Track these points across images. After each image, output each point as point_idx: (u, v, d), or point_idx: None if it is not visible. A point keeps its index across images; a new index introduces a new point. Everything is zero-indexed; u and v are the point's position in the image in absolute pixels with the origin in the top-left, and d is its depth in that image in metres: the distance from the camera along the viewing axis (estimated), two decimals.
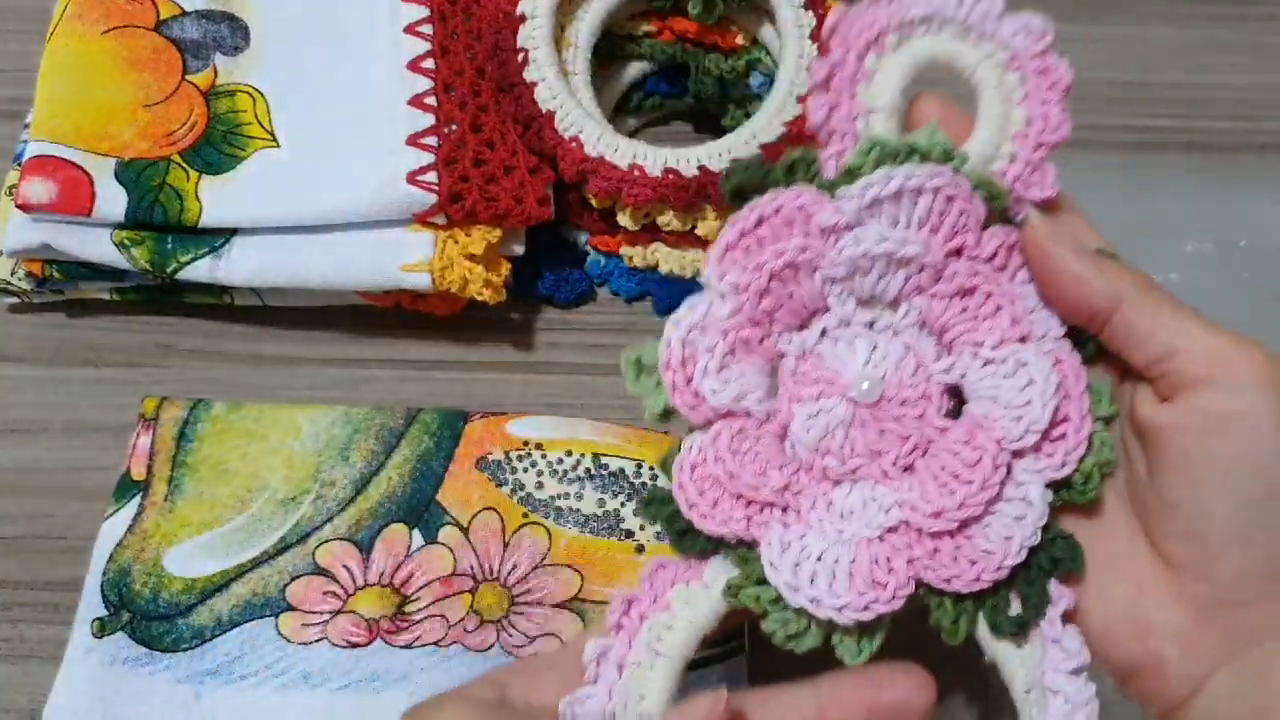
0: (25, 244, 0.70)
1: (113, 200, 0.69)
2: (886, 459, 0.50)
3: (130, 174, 0.70)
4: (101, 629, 0.62)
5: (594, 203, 0.75)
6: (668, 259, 0.77)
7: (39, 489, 0.70)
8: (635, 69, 0.82)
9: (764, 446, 0.49)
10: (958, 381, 0.50)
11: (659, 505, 0.50)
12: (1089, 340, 0.50)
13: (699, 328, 0.49)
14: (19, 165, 0.73)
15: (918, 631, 0.49)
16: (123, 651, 0.62)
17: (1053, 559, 0.49)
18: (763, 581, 0.48)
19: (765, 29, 0.80)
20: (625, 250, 0.77)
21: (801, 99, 0.75)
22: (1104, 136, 0.87)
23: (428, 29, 0.76)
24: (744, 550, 0.49)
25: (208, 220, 0.70)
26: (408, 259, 0.70)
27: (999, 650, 0.49)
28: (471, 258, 0.70)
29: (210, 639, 0.63)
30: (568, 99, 0.74)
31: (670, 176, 0.73)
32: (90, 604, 0.63)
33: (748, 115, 0.79)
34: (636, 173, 0.73)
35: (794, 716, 0.50)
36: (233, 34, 0.75)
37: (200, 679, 0.62)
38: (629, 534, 0.67)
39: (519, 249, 0.74)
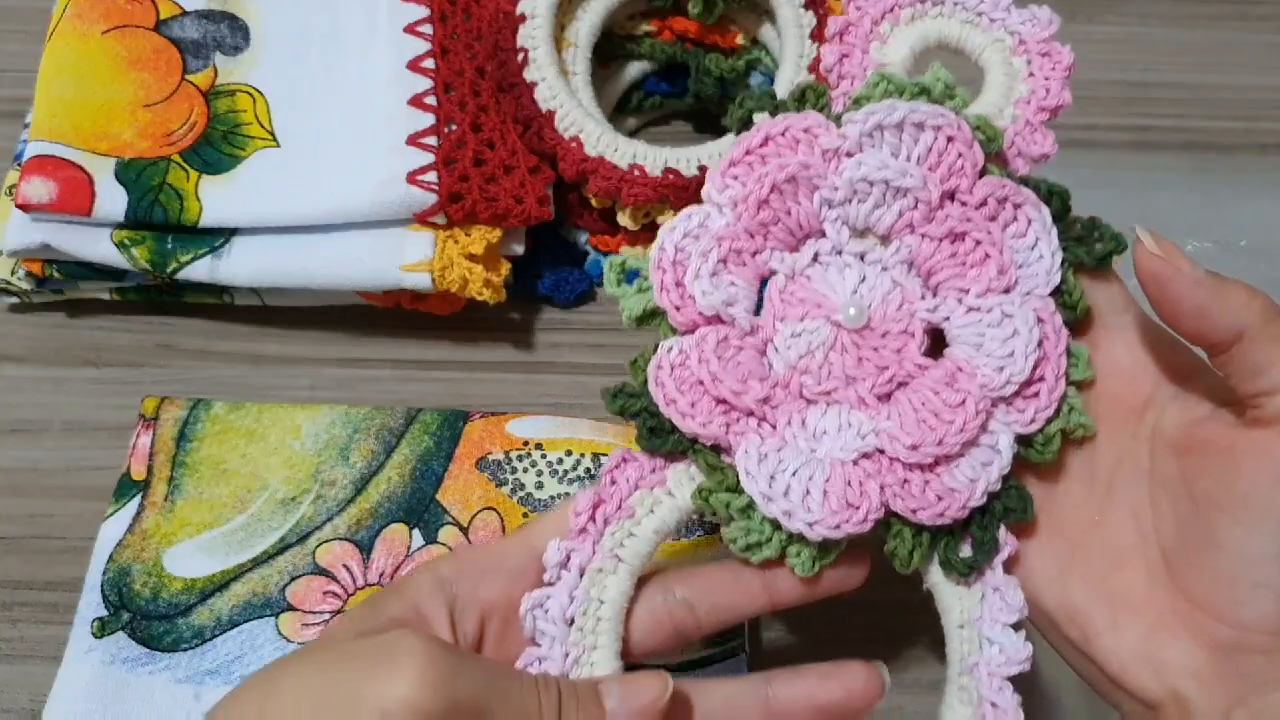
0: (25, 244, 0.70)
1: (113, 200, 0.69)
2: (863, 386, 0.51)
3: (130, 174, 0.70)
4: (102, 629, 0.62)
5: (594, 202, 0.75)
6: None
7: (39, 489, 0.70)
8: (635, 69, 0.82)
9: (745, 357, 0.51)
10: (940, 324, 0.52)
11: (629, 399, 0.52)
12: (1077, 303, 0.52)
13: (694, 235, 0.52)
14: (19, 165, 0.73)
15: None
16: (123, 651, 0.62)
17: (1006, 508, 0.51)
18: (732, 489, 0.50)
19: (765, 29, 0.80)
20: (625, 250, 0.77)
21: None
22: (1104, 136, 0.87)
23: (428, 29, 0.76)
24: (712, 457, 0.51)
25: (208, 220, 0.70)
26: (408, 259, 0.70)
27: (939, 582, 0.51)
28: (471, 258, 0.70)
29: (210, 639, 0.63)
30: (568, 99, 0.74)
31: (670, 176, 0.73)
32: (90, 604, 0.63)
33: None
34: (636, 172, 0.73)
35: (740, 706, 0.51)
36: (233, 34, 0.75)
37: (200, 679, 0.61)
38: None
39: (519, 249, 0.74)
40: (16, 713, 0.63)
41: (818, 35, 0.77)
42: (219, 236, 0.70)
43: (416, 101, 0.73)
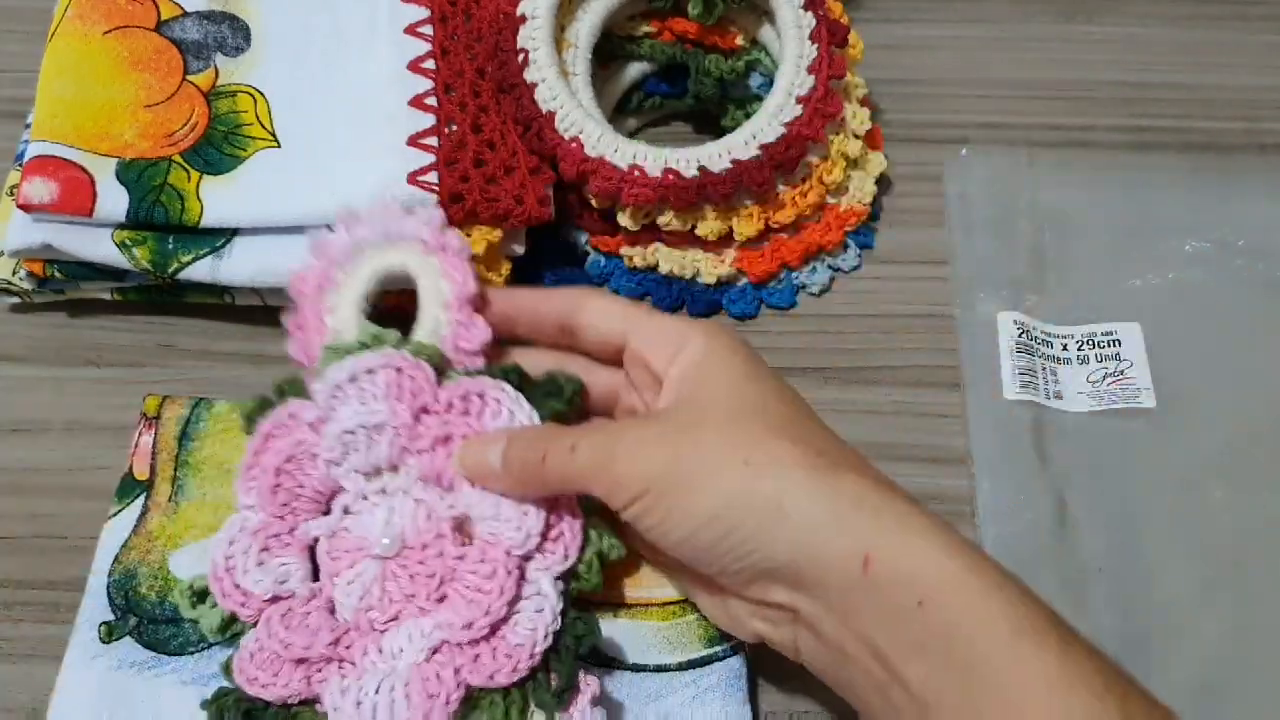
0: (26, 244, 0.70)
1: (114, 200, 0.69)
2: (420, 597, 0.58)
3: (131, 174, 0.70)
4: (109, 634, 0.62)
5: (594, 203, 0.75)
6: (667, 259, 0.77)
7: (40, 489, 0.70)
8: (635, 69, 0.82)
9: (314, 619, 0.58)
10: (465, 513, 0.59)
11: (223, 699, 0.58)
12: None
13: (235, 540, 0.59)
14: (20, 165, 0.73)
15: None
16: (130, 656, 0.61)
17: (576, 637, 0.57)
18: None
19: (765, 29, 0.80)
20: (625, 250, 0.77)
21: (801, 99, 0.75)
22: (1103, 137, 0.87)
23: (428, 30, 0.76)
24: (309, 713, 0.57)
25: (209, 220, 0.70)
26: None
27: None
28: (472, 258, 0.70)
29: (216, 642, 0.62)
30: (568, 99, 0.74)
31: (670, 177, 0.73)
32: (96, 607, 0.63)
33: (747, 115, 0.79)
34: (636, 173, 0.73)
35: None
36: (234, 34, 0.76)
37: (205, 681, 0.61)
38: None
39: (519, 249, 0.74)
40: (18, 712, 0.63)
41: (817, 36, 0.77)
42: (220, 237, 0.70)
43: (417, 102, 0.73)
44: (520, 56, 0.75)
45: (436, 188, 0.70)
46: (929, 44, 0.92)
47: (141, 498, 0.66)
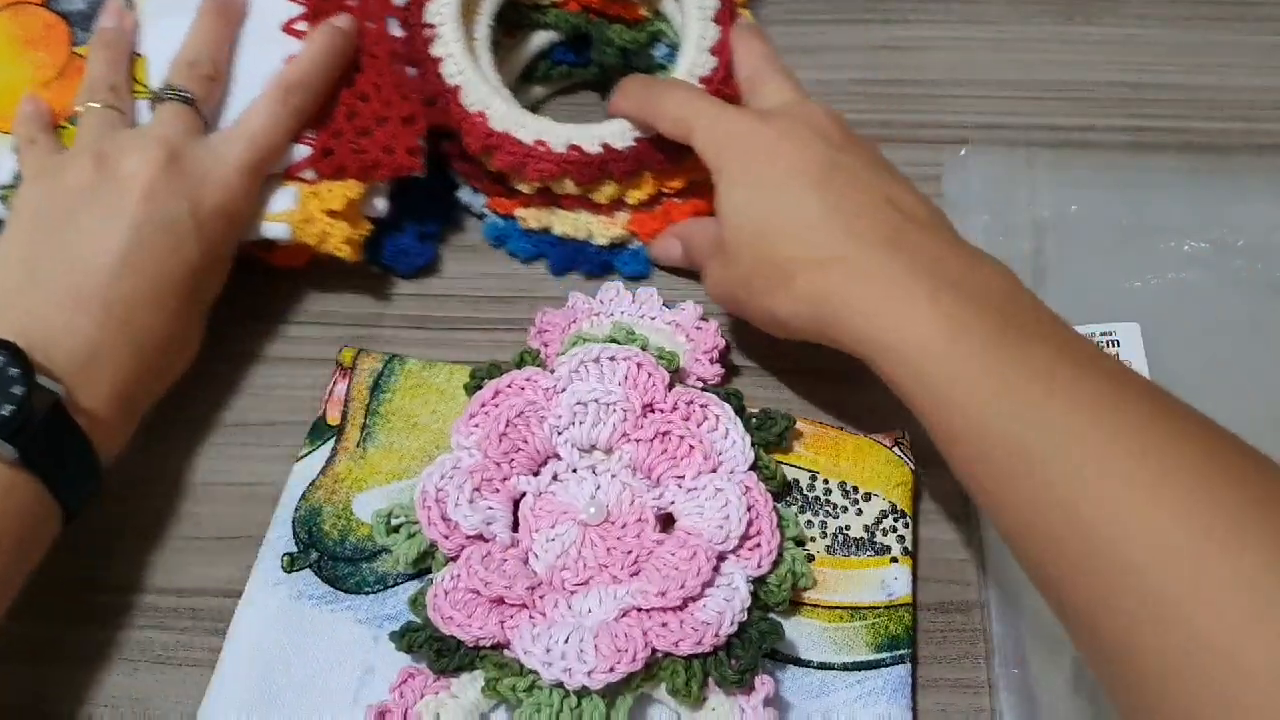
0: None
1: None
2: (614, 568, 0.61)
3: None
4: (291, 564, 0.64)
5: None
6: (562, 221, 0.76)
7: None
8: (542, 38, 0.83)
9: (510, 566, 0.61)
10: (667, 508, 0.63)
11: (413, 634, 0.60)
12: (775, 474, 0.65)
13: (449, 475, 0.63)
14: None
15: None
16: (309, 589, 0.64)
17: (761, 632, 0.59)
18: (516, 675, 0.58)
19: (667, 3, 0.81)
20: (520, 213, 0.77)
21: (703, 80, 0.76)
22: (1103, 137, 0.85)
23: None
24: (496, 656, 0.59)
25: None
26: (272, 210, 0.70)
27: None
28: (331, 213, 0.70)
29: (391, 586, 0.64)
30: (474, 74, 0.74)
31: (574, 153, 0.73)
32: (280, 538, 0.65)
33: None
34: (541, 148, 0.73)
35: None
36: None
37: (380, 622, 0.63)
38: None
39: (382, 206, 0.73)
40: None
41: (720, 18, 0.78)
42: None
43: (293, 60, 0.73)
44: (427, 31, 0.75)
45: (313, 141, 0.71)
46: (929, 44, 0.91)
47: (331, 441, 0.69)
